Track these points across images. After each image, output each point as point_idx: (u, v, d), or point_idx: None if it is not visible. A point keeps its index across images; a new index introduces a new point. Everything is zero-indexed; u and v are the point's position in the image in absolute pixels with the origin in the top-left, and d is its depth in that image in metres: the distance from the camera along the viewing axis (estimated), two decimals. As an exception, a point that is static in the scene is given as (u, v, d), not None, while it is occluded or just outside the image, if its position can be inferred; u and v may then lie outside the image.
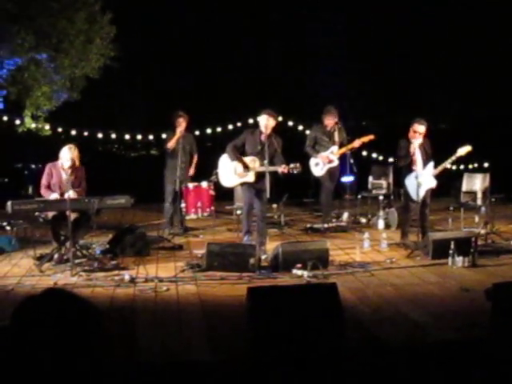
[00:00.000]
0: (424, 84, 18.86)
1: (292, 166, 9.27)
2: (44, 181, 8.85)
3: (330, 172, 11.25)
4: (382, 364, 3.83)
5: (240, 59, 19.44)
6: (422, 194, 9.30)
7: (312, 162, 11.26)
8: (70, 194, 8.55)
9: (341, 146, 11.22)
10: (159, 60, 18.94)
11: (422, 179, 9.23)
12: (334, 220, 11.62)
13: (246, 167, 9.38)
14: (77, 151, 8.80)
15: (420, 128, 9.47)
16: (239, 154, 9.44)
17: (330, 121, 11.30)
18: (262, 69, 19.60)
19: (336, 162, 11.22)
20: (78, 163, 8.79)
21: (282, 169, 9.18)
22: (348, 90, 18.71)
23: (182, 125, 10.89)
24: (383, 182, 12.42)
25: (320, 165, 11.19)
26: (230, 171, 9.56)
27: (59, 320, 1.94)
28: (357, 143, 11.20)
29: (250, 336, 4.72)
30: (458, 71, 18.18)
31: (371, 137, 11.40)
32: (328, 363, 4.15)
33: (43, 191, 8.82)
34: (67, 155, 8.68)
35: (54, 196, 8.63)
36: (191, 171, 11.33)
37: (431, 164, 9.54)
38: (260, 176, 9.29)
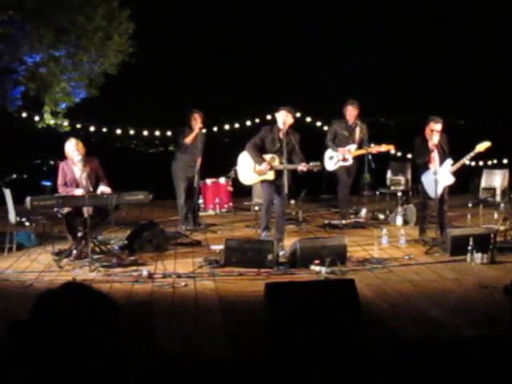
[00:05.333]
0: (446, 81, 18.79)
1: (312, 164, 9.24)
2: (60, 180, 8.81)
3: (347, 168, 11.16)
4: (399, 360, 3.82)
5: (258, 55, 19.44)
6: (439, 191, 9.25)
7: (327, 154, 11.14)
8: (104, 189, 8.60)
9: (360, 143, 11.09)
10: (177, 56, 18.96)
11: (439, 176, 9.18)
12: (351, 216, 11.58)
13: (270, 167, 9.32)
14: (80, 143, 8.77)
15: (436, 126, 9.40)
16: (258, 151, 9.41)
17: (351, 113, 11.14)
18: (280, 64, 19.58)
19: (350, 161, 11.10)
20: (83, 154, 8.72)
21: (301, 167, 9.16)
22: (371, 86, 18.61)
23: (198, 121, 10.76)
24: (401, 179, 12.40)
25: (334, 159, 11.08)
26: (249, 169, 9.53)
27: (77, 313, 1.95)
28: (374, 149, 11.07)
29: (268, 332, 4.72)
30: (479, 69, 18.09)
31: (390, 147, 11.31)
32: (346, 359, 4.15)
33: (62, 189, 8.76)
34: (72, 148, 8.66)
35: (79, 192, 8.56)
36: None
37: (449, 161, 9.47)
38: (279, 173, 9.28)
